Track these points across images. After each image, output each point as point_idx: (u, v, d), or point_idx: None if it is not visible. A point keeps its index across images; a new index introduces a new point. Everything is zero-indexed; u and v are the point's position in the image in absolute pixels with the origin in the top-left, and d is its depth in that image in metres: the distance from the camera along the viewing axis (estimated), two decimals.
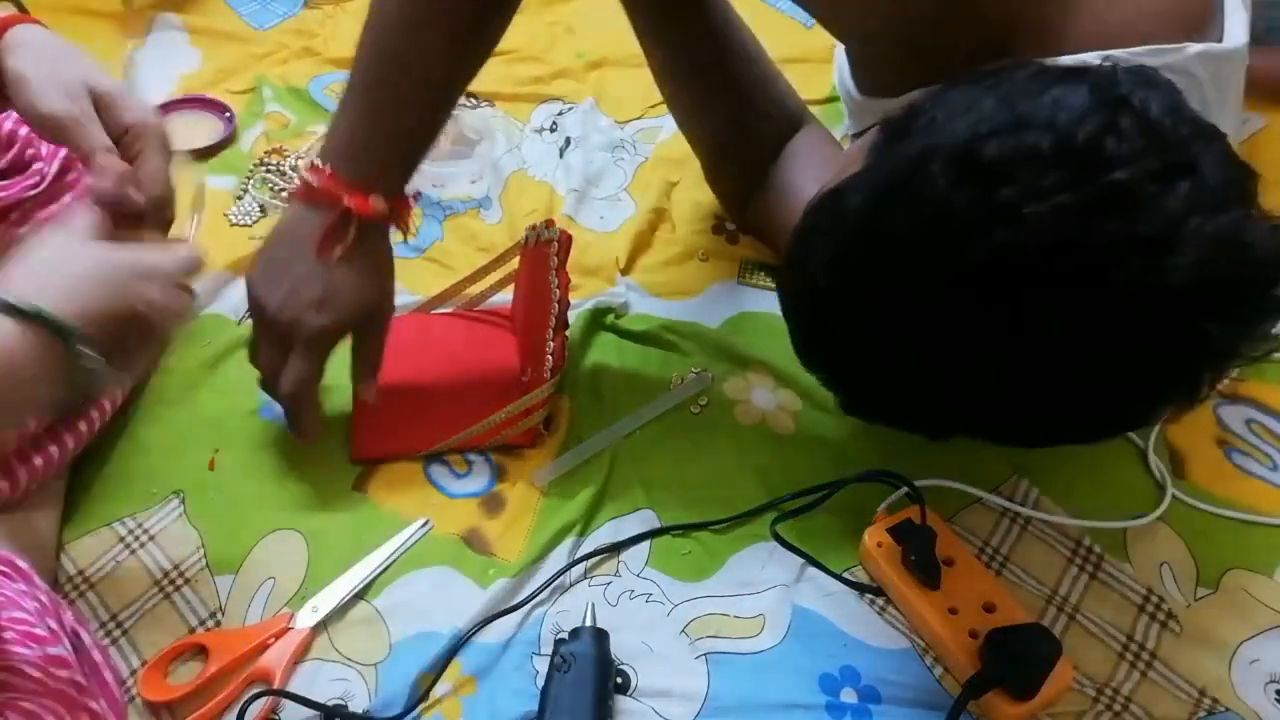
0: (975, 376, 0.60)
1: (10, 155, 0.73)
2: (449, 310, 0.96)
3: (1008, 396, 0.60)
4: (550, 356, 0.82)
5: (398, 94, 0.74)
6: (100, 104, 0.64)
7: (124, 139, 0.64)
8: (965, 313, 0.57)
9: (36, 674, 0.58)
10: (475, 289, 0.96)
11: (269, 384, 0.80)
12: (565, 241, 0.82)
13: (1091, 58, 0.67)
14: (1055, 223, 0.53)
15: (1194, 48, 0.69)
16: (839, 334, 0.65)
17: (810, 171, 0.97)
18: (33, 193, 0.72)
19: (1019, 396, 0.60)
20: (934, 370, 0.61)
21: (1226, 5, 0.73)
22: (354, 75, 0.75)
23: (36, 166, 0.73)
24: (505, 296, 0.97)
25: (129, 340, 0.57)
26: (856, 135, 0.94)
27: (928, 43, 0.74)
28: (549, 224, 0.84)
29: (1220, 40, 0.72)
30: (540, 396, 0.84)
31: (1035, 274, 0.55)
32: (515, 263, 0.94)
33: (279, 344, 0.77)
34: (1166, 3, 0.71)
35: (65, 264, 0.55)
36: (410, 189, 0.99)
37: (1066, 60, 0.67)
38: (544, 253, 0.84)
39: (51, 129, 0.63)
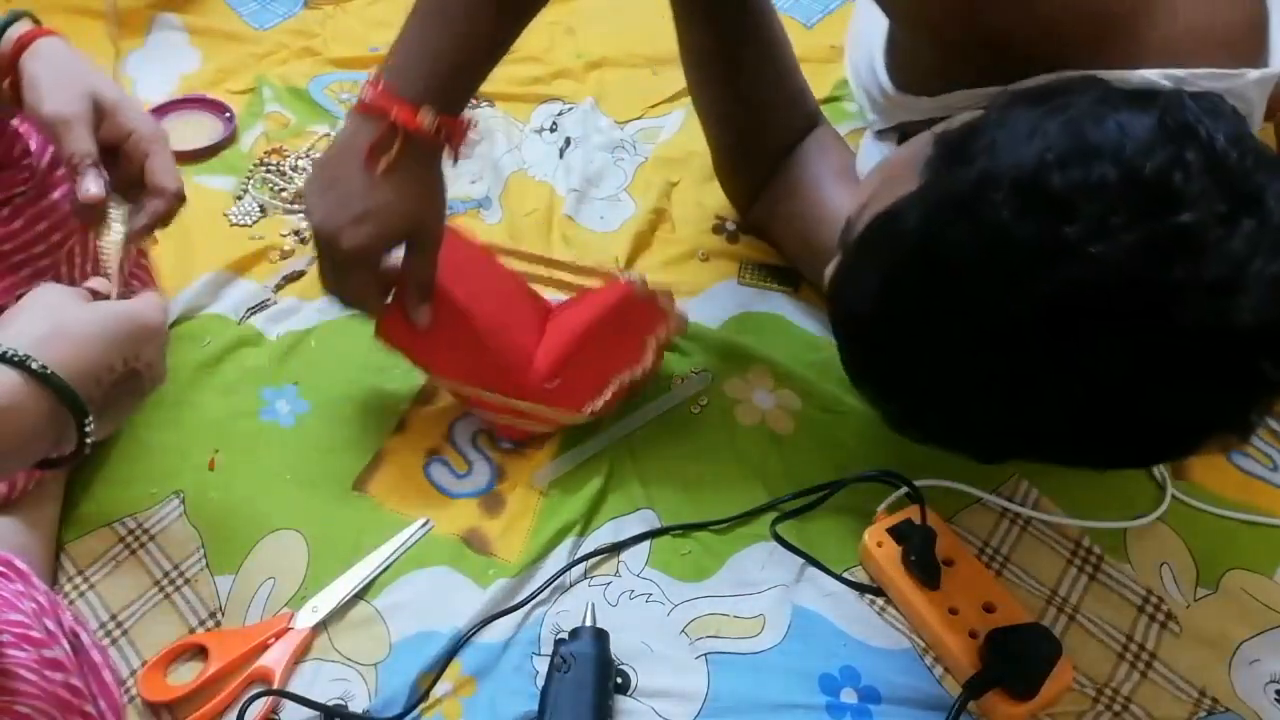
0: (1032, 405, 0.59)
1: None
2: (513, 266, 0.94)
3: (1064, 426, 0.60)
4: (603, 401, 0.83)
5: (447, 13, 0.76)
6: (104, 110, 0.66)
7: (128, 143, 0.67)
8: (1024, 343, 0.56)
9: (32, 677, 0.58)
10: (538, 270, 0.95)
11: (330, 294, 0.80)
12: (676, 324, 0.85)
13: (1154, 75, 0.67)
14: (1121, 262, 0.53)
15: (1253, 74, 0.68)
16: (891, 355, 0.64)
17: (825, 172, 0.98)
18: (22, 189, 0.72)
19: (1075, 426, 0.60)
20: (989, 397, 0.60)
21: (1272, 26, 0.73)
22: None
23: (26, 163, 0.73)
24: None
25: (120, 396, 0.59)
26: (882, 132, 0.93)
27: (993, 44, 0.73)
28: (669, 296, 0.86)
29: (1268, 64, 0.71)
30: (564, 420, 0.85)
31: (1098, 310, 0.54)
32: (591, 280, 0.93)
33: (329, 255, 0.76)
34: (1230, 28, 0.70)
35: (68, 324, 0.56)
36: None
37: (1132, 78, 0.66)
38: (651, 309, 0.84)
39: (48, 129, 0.66)
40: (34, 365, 0.52)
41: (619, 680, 0.73)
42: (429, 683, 0.72)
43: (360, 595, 0.77)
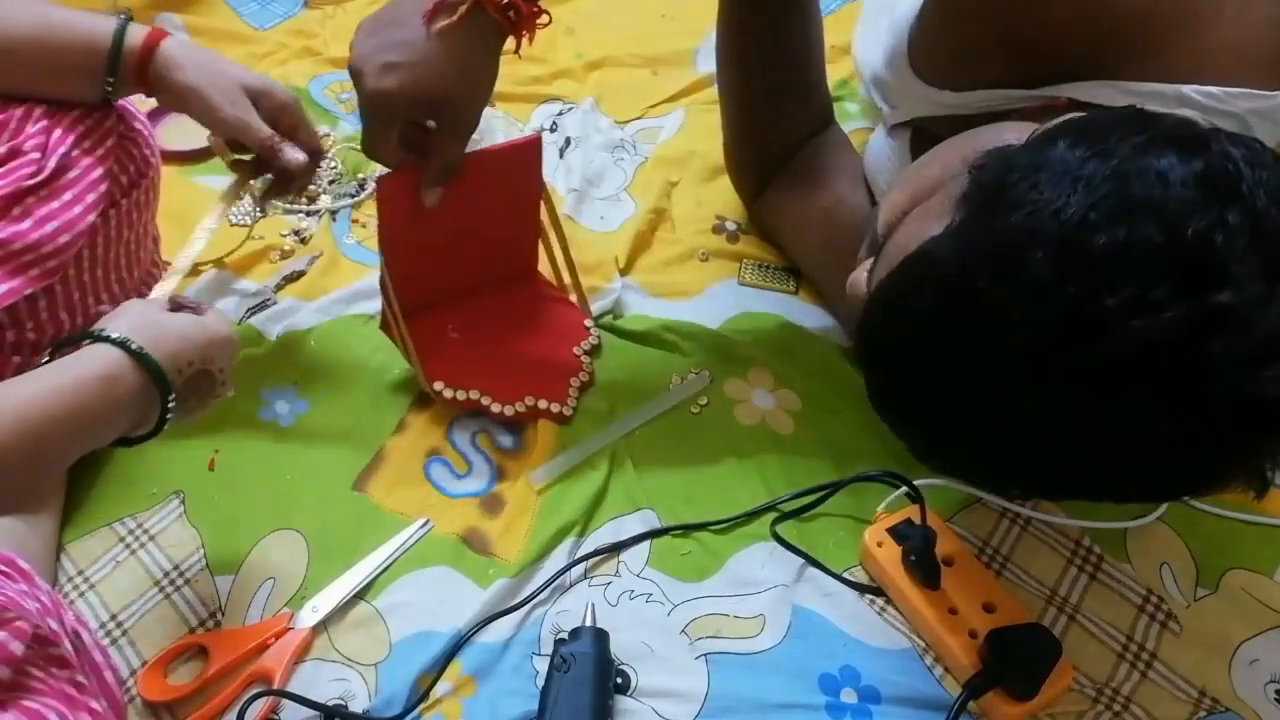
0: (1058, 451, 0.59)
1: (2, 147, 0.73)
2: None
3: (1088, 471, 0.60)
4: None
5: None
6: (252, 95, 0.77)
7: (278, 119, 0.79)
8: (1057, 396, 0.56)
9: (38, 673, 0.58)
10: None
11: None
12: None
13: (1190, 91, 0.67)
14: (1160, 339, 0.53)
15: None
16: (919, 390, 0.63)
17: (839, 170, 0.98)
18: (30, 183, 0.72)
19: (1098, 471, 0.60)
20: (1016, 439, 0.60)
21: None
22: None
23: (33, 156, 0.73)
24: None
25: (192, 392, 0.68)
26: (895, 128, 0.92)
27: (1024, 45, 0.72)
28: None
29: None
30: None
31: (1133, 376, 0.54)
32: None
33: (357, 92, 0.75)
34: (1267, 47, 0.70)
35: (158, 321, 0.66)
36: None
37: (1167, 93, 0.66)
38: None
39: (229, 131, 0.77)
40: (132, 345, 0.63)
41: (619, 680, 0.73)
42: (429, 683, 0.72)
43: (360, 595, 0.77)
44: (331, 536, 0.80)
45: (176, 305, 0.73)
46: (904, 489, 0.82)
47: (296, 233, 1.03)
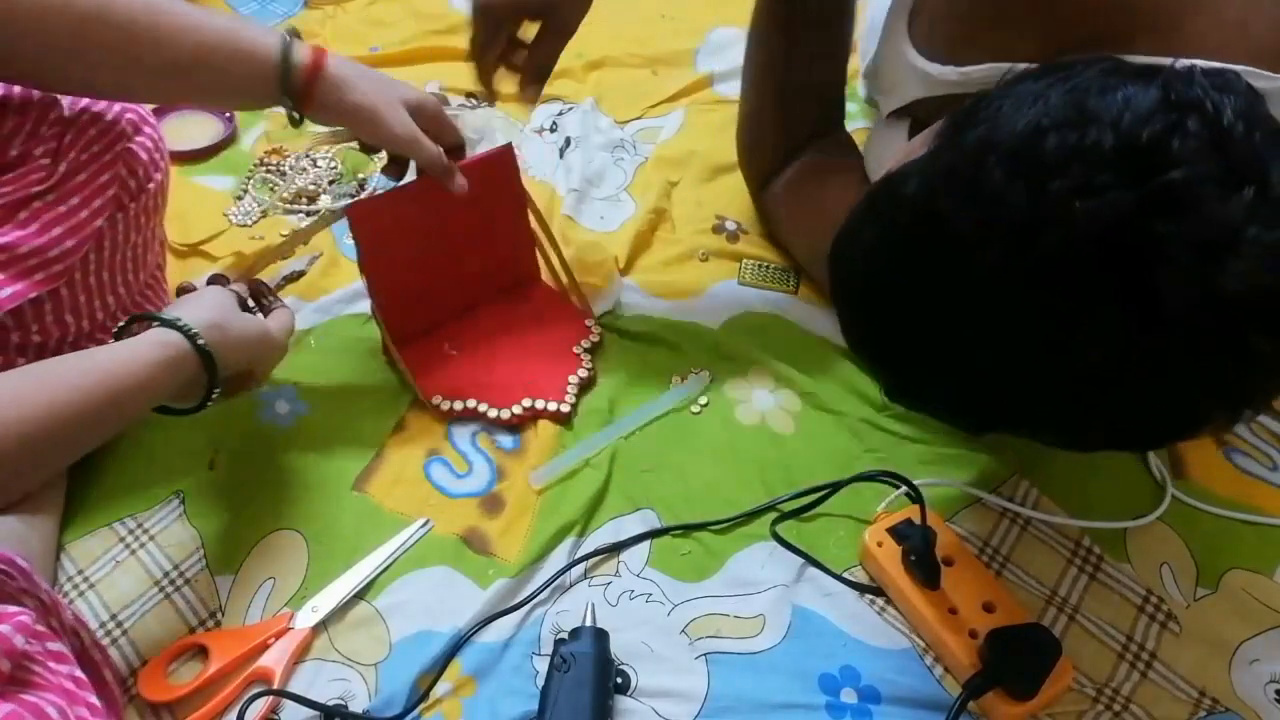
0: (1022, 377, 0.59)
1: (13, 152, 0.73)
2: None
3: (1054, 400, 0.59)
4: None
5: None
6: (411, 110, 0.80)
7: (428, 128, 0.81)
8: (1015, 312, 0.56)
9: (38, 667, 0.58)
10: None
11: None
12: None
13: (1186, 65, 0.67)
14: (1106, 218, 0.52)
15: None
16: (887, 319, 0.64)
17: (850, 166, 0.98)
18: (39, 189, 0.72)
19: (1065, 400, 0.59)
20: (980, 367, 0.60)
21: None
22: None
23: (43, 163, 0.73)
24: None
25: (231, 388, 0.75)
26: (895, 115, 0.92)
27: (1027, 18, 0.73)
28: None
29: None
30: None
31: (1084, 275, 0.53)
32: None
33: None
34: (1271, 31, 0.70)
35: (228, 323, 0.72)
36: None
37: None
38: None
39: (400, 148, 0.81)
40: (200, 341, 0.69)
41: (619, 680, 0.73)
42: (429, 683, 0.72)
43: (360, 595, 0.77)
44: (331, 536, 0.80)
45: (253, 296, 0.79)
46: (904, 489, 0.82)
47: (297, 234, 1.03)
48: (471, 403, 0.88)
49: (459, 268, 0.92)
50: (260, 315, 0.79)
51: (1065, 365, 0.57)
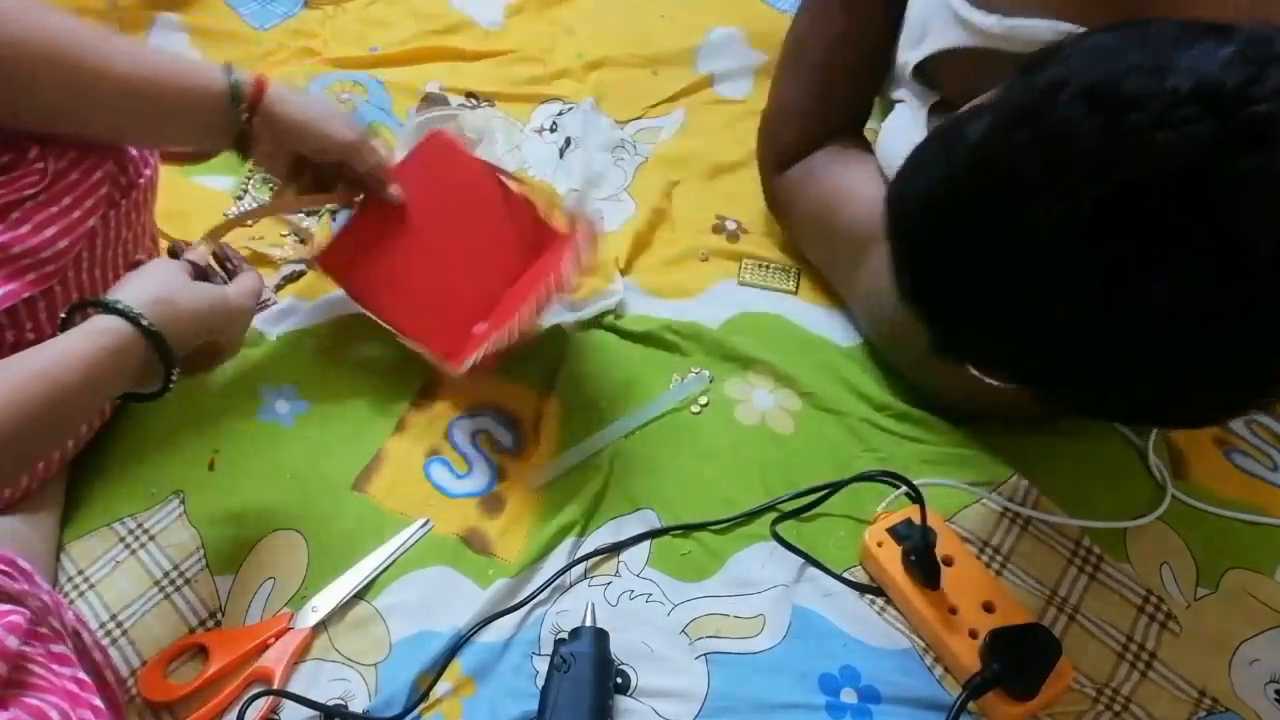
0: (1087, 333, 0.55)
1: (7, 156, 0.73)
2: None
3: (1123, 358, 0.56)
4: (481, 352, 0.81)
5: None
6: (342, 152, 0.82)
7: (364, 172, 0.84)
8: (1084, 264, 0.53)
9: (40, 669, 0.58)
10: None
11: None
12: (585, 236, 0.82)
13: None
14: (1187, 154, 0.49)
15: None
16: (943, 270, 0.61)
17: (861, 164, 0.97)
18: (31, 191, 0.72)
19: (1134, 360, 0.56)
20: (1042, 324, 0.57)
21: None
22: None
23: (38, 165, 0.73)
24: None
25: (198, 357, 0.71)
26: (918, 69, 0.91)
27: None
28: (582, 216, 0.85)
29: None
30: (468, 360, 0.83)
31: (1159, 211, 0.50)
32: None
33: None
34: None
35: (176, 296, 0.68)
36: None
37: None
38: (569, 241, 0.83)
39: (345, 153, 0.82)
40: (144, 322, 0.65)
41: (619, 680, 0.73)
42: (429, 683, 0.72)
43: (360, 595, 0.77)
44: (331, 536, 0.80)
45: (201, 272, 0.74)
46: (904, 489, 0.82)
47: (296, 233, 1.03)
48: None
49: (469, 261, 0.90)
50: (220, 283, 0.75)
51: (1138, 320, 0.54)
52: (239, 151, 0.81)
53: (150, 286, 0.68)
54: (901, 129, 0.93)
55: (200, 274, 0.74)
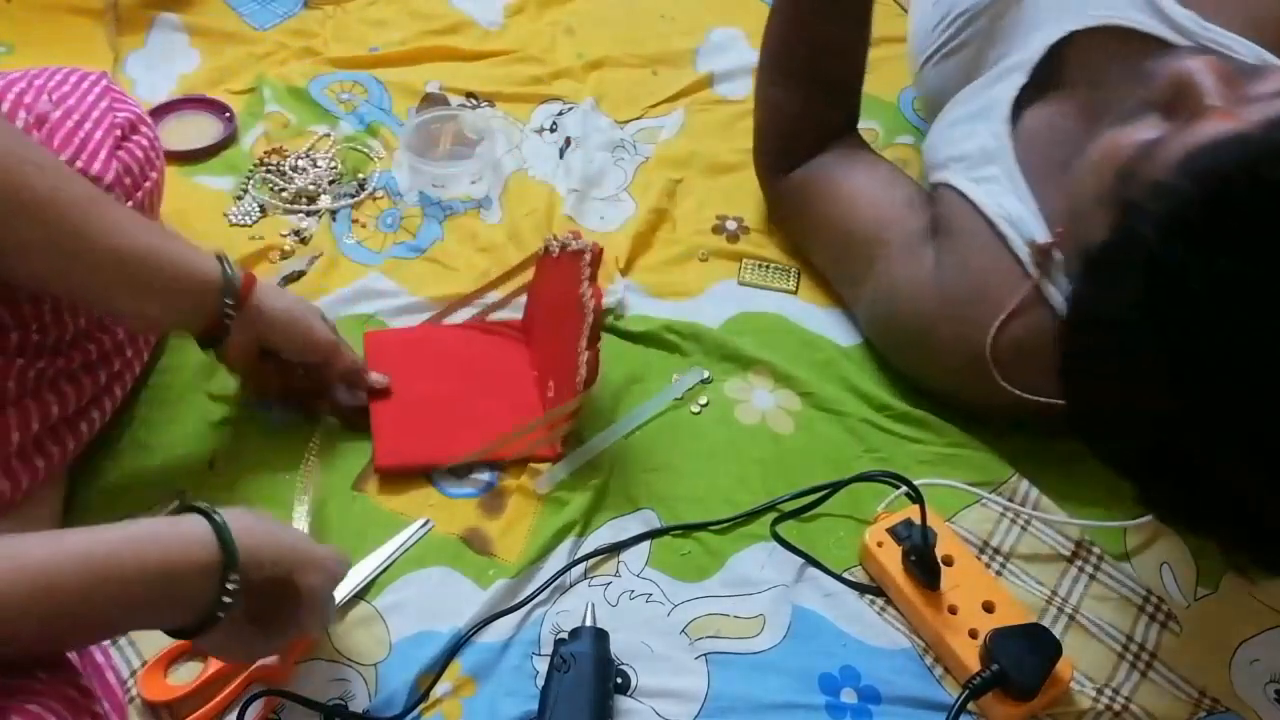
0: None
1: None
2: (460, 322, 0.96)
3: None
4: (584, 369, 0.81)
5: None
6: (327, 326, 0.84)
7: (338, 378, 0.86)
8: None
9: (43, 675, 0.58)
10: (487, 298, 0.96)
11: None
12: (597, 253, 0.81)
13: None
14: None
15: None
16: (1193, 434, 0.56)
17: (870, 164, 0.99)
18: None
19: None
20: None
21: None
22: None
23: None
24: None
25: (266, 606, 0.61)
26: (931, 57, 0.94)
27: None
28: (576, 235, 0.84)
29: None
30: (570, 409, 0.84)
31: None
32: (528, 274, 0.94)
33: None
34: None
35: (259, 518, 0.61)
36: (409, 188, 1.00)
37: None
38: (573, 264, 0.83)
39: (323, 354, 0.84)
40: (216, 517, 0.58)
41: (619, 680, 0.73)
42: (429, 683, 0.72)
43: (360, 595, 0.77)
44: (331, 536, 0.80)
45: None
46: (904, 489, 0.82)
47: (296, 233, 1.03)
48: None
49: (490, 375, 0.92)
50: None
51: None
52: (205, 343, 0.79)
53: (246, 514, 0.61)
54: (970, 117, 0.91)
55: None
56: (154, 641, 0.74)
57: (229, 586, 0.57)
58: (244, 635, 0.61)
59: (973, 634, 0.74)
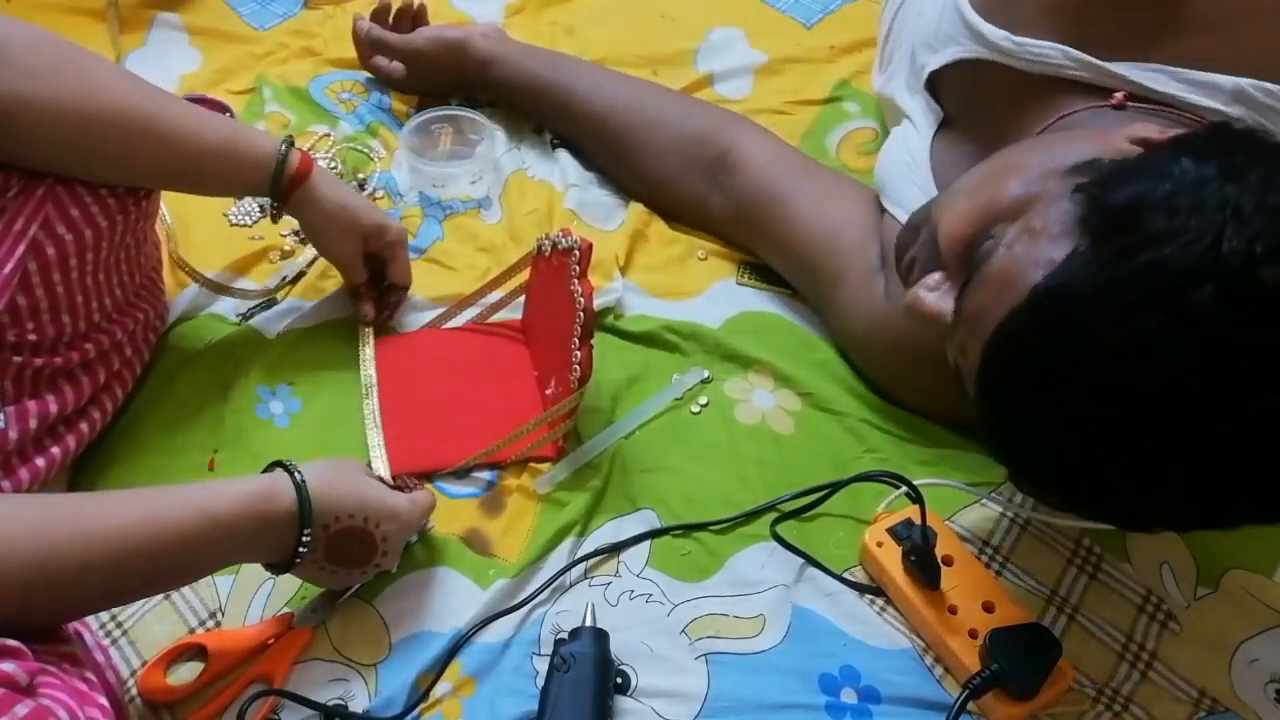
0: (1200, 490, 0.58)
1: None
2: (460, 325, 0.96)
3: (1234, 506, 0.59)
4: (578, 367, 0.81)
5: None
6: (368, 235, 0.90)
7: (385, 250, 0.92)
8: (1241, 458, 0.55)
9: (51, 668, 0.58)
10: (488, 299, 0.96)
11: None
12: (586, 249, 0.81)
13: (1248, 85, 0.67)
14: None
15: None
16: (1046, 424, 0.60)
17: (801, 191, 0.98)
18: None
19: (1249, 504, 0.59)
20: (1159, 478, 0.58)
21: None
22: None
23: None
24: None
25: (342, 552, 0.71)
26: (929, 91, 0.92)
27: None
28: (566, 232, 0.84)
29: None
30: (568, 407, 0.84)
31: None
32: (526, 272, 0.94)
33: None
34: None
35: (337, 472, 0.71)
36: (409, 188, 1.00)
37: (1223, 85, 0.67)
38: (564, 262, 0.83)
39: (336, 266, 0.93)
40: (296, 475, 0.68)
41: (619, 680, 0.73)
42: (429, 683, 0.72)
43: (360, 595, 0.77)
44: None
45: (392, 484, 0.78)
46: (904, 489, 0.82)
47: (296, 233, 1.03)
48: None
49: (491, 379, 0.92)
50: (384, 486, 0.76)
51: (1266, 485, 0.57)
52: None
53: (325, 462, 0.71)
54: (904, 146, 0.93)
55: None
56: (154, 642, 0.74)
57: (304, 538, 0.67)
58: (325, 571, 0.71)
59: (972, 634, 0.74)
